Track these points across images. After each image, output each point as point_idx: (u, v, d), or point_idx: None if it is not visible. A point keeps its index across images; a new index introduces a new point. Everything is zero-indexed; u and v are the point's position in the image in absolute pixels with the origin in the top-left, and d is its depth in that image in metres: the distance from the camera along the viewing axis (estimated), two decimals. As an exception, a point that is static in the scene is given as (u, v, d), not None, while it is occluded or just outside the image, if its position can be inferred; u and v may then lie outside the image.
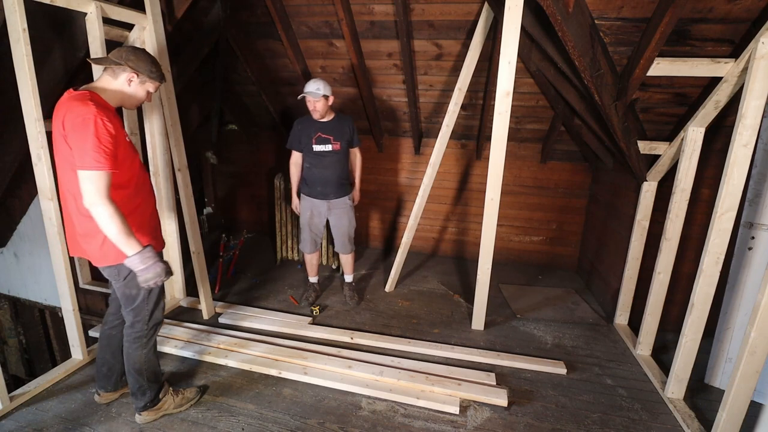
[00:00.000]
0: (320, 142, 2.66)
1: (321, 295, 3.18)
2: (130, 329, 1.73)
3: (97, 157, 1.39)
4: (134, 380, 1.78)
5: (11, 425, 1.80)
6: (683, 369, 2.05)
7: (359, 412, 1.97)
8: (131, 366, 1.76)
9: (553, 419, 1.96)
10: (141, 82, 1.60)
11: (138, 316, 1.71)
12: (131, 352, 1.74)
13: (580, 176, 3.70)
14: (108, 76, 1.57)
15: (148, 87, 1.64)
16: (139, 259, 1.46)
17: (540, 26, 2.21)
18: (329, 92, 2.54)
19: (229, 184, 4.67)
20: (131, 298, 1.68)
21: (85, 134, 1.38)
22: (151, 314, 1.73)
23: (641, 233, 2.62)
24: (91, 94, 1.49)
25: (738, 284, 2.10)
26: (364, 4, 2.69)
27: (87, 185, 1.40)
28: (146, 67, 1.58)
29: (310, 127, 2.67)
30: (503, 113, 2.28)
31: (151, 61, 1.61)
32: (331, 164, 2.71)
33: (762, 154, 1.99)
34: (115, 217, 1.41)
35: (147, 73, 1.59)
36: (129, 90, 1.59)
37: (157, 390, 1.84)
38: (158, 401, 1.85)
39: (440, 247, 4.19)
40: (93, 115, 1.40)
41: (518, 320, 2.89)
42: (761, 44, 1.61)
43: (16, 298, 3.49)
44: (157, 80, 1.64)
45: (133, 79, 1.57)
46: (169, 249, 2.82)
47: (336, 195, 2.77)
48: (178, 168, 2.55)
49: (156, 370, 1.84)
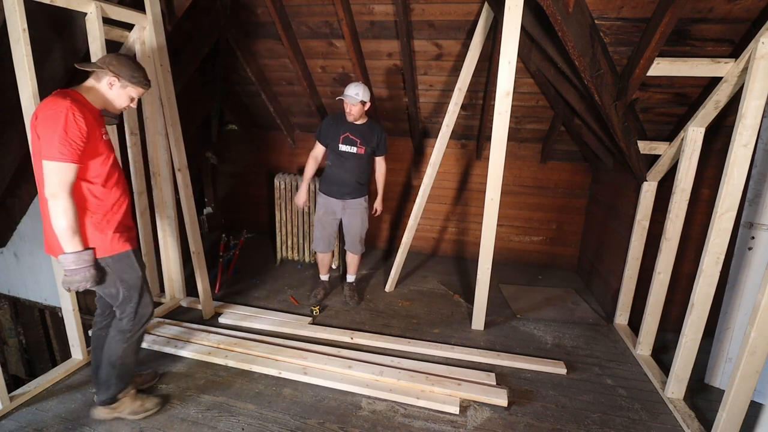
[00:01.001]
0: (346, 142, 2.68)
1: (330, 293, 3.18)
2: (119, 321, 1.75)
3: (62, 149, 1.41)
4: (106, 372, 1.77)
5: (11, 425, 1.79)
6: (683, 369, 2.05)
7: (359, 412, 1.97)
8: (108, 356, 1.75)
9: (553, 419, 1.96)
10: (122, 86, 1.61)
11: (124, 313, 1.72)
12: (112, 343, 1.74)
13: (580, 176, 3.70)
14: (93, 79, 1.60)
15: (130, 92, 1.65)
16: (73, 259, 1.47)
17: (540, 26, 2.21)
18: (367, 98, 2.58)
19: (229, 184, 4.67)
20: (112, 297, 1.69)
21: (55, 126, 1.40)
22: (135, 311, 1.73)
23: (641, 233, 2.62)
24: (73, 92, 1.52)
25: (738, 284, 2.10)
26: (364, 4, 2.69)
27: (50, 176, 1.42)
28: (127, 72, 1.59)
29: (341, 125, 2.68)
30: (503, 113, 2.28)
31: (134, 67, 1.62)
32: (351, 167, 2.72)
33: (762, 154, 1.99)
34: (68, 212, 1.44)
35: (128, 78, 1.60)
36: (111, 93, 1.61)
37: (120, 389, 1.82)
38: (115, 401, 1.82)
39: (440, 247, 4.19)
40: (65, 108, 1.42)
41: (518, 320, 2.89)
42: (761, 44, 1.61)
43: (16, 298, 3.49)
44: (139, 85, 1.65)
45: (114, 83, 1.59)
46: (169, 249, 2.82)
47: (352, 196, 2.79)
48: (178, 168, 2.55)
49: (129, 369, 1.82)
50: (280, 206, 3.63)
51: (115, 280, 1.65)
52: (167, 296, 2.91)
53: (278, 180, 3.59)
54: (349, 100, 2.54)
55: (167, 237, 2.80)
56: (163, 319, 2.66)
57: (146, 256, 2.79)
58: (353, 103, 2.54)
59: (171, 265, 2.88)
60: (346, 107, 2.60)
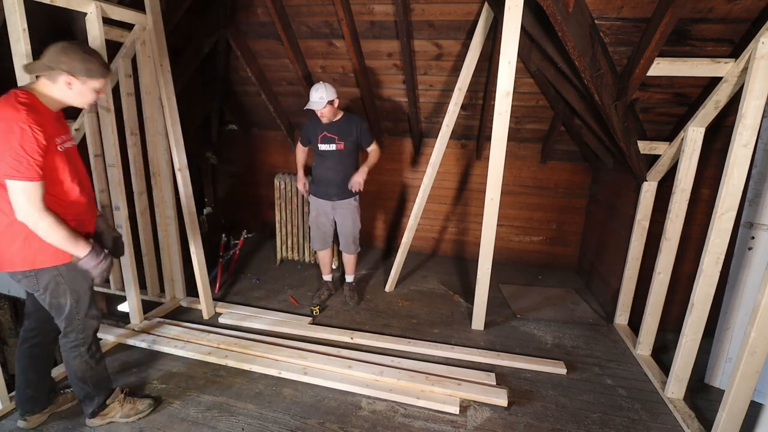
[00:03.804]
0: (325, 141, 2.69)
1: (334, 293, 3.17)
2: (64, 339, 1.64)
3: (19, 166, 1.30)
4: (79, 388, 1.72)
5: (11, 425, 1.79)
6: (683, 369, 2.05)
7: (359, 412, 1.97)
8: (73, 375, 1.69)
9: (553, 419, 1.96)
10: (82, 82, 1.46)
11: (70, 326, 1.61)
12: (71, 361, 1.66)
13: (580, 176, 3.70)
14: (47, 79, 1.44)
15: (93, 85, 1.49)
16: (92, 257, 1.47)
17: (540, 26, 2.21)
18: (333, 96, 2.55)
19: (229, 184, 4.67)
20: (59, 309, 1.58)
21: (8, 142, 1.29)
22: (83, 323, 1.64)
23: (641, 233, 2.62)
24: (28, 95, 1.40)
25: (738, 284, 2.10)
26: (364, 4, 2.69)
27: (17, 198, 1.33)
28: (81, 66, 1.43)
29: (317, 125, 2.69)
30: (503, 113, 2.28)
31: (86, 58, 1.44)
32: (334, 165, 2.72)
33: (762, 154, 1.99)
34: (55, 227, 1.37)
35: (85, 72, 1.44)
36: (72, 93, 1.47)
37: (106, 396, 1.79)
38: (104, 407, 1.79)
39: (440, 247, 4.19)
40: (20, 122, 1.31)
41: (518, 320, 2.89)
42: (761, 44, 1.61)
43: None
44: (98, 76, 1.48)
45: (72, 81, 1.44)
46: (169, 249, 2.83)
47: (339, 196, 2.78)
48: (178, 168, 2.55)
49: (103, 376, 1.78)
50: (280, 206, 3.63)
51: (65, 290, 1.55)
52: (167, 296, 2.91)
53: (278, 180, 3.59)
54: (316, 106, 2.52)
55: (167, 237, 2.80)
56: (163, 319, 2.66)
57: (146, 256, 2.80)
58: (320, 108, 2.52)
59: (171, 265, 2.88)
60: (317, 112, 2.58)
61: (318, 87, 2.52)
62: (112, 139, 2.31)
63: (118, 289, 2.97)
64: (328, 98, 2.52)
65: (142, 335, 2.46)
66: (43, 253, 1.47)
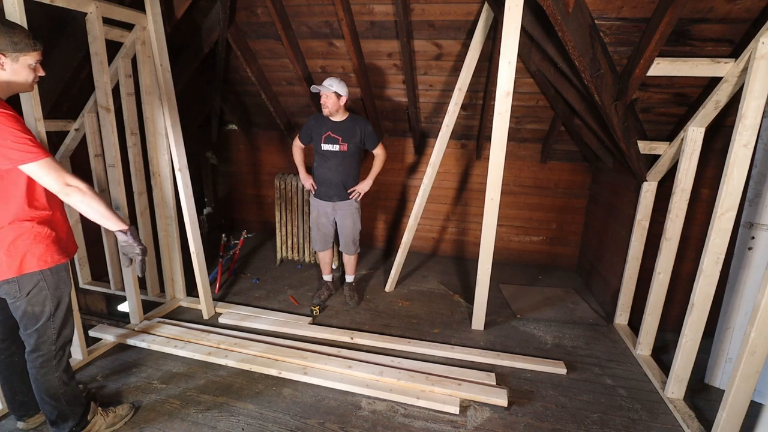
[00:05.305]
0: (328, 141, 2.69)
1: (334, 293, 3.18)
2: (34, 353, 1.52)
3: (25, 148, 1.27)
4: (51, 408, 1.58)
5: (11, 425, 1.79)
6: (683, 369, 2.05)
7: (359, 412, 1.97)
8: (44, 393, 1.55)
9: (553, 419, 1.96)
10: (13, 60, 1.34)
11: (43, 337, 1.51)
12: (41, 378, 1.54)
13: (580, 176, 3.70)
14: None
15: (27, 61, 1.38)
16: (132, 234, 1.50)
17: (540, 26, 2.21)
18: (342, 91, 2.57)
19: (229, 184, 4.68)
20: (34, 317, 1.48)
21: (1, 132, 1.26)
22: (58, 333, 1.54)
23: (641, 233, 2.62)
24: None
25: (738, 284, 2.10)
26: (364, 4, 2.69)
27: (44, 180, 1.31)
28: (7, 41, 1.31)
29: (323, 125, 2.69)
30: (503, 113, 2.28)
31: (9, 32, 1.32)
32: (335, 166, 2.72)
33: (762, 154, 1.99)
34: (88, 198, 1.35)
35: (11, 47, 1.32)
36: (7, 74, 1.35)
37: (81, 412, 1.67)
38: (86, 423, 1.68)
39: (440, 247, 4.19)
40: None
41: (518, 320, 2.89)
42: (761, 44, 1.61)
43: None
44: (28, 49, 1.36)
45: (3, 60, 1.33)
46: (169, 249, 2.82)
47: (340, 198, 2.79)
48: (178, 168, 2.55)
49: (75, 391, 1.65)
50: (280, 206, 3.63)
51: (46, 296, 1.48)
52: (167, 296, 2.91)
53: (278, 180, 3.59)
54: (323, 89, 2.55)
55: (167, 237, 2.80)
56: (163, 319, 2.66)
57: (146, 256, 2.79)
58: (327, 93, 2.55)
59: (171, 265, 2.88)
60: (321, 99, 2.60)
61: (333, 77, 2.58)
62: (112, 139, 2.30)
63: (118, 289, 2.97)
64: (337, 89, 2.54)
65: (142, 335, 2.46)
66: (30, 257, 1.42)
